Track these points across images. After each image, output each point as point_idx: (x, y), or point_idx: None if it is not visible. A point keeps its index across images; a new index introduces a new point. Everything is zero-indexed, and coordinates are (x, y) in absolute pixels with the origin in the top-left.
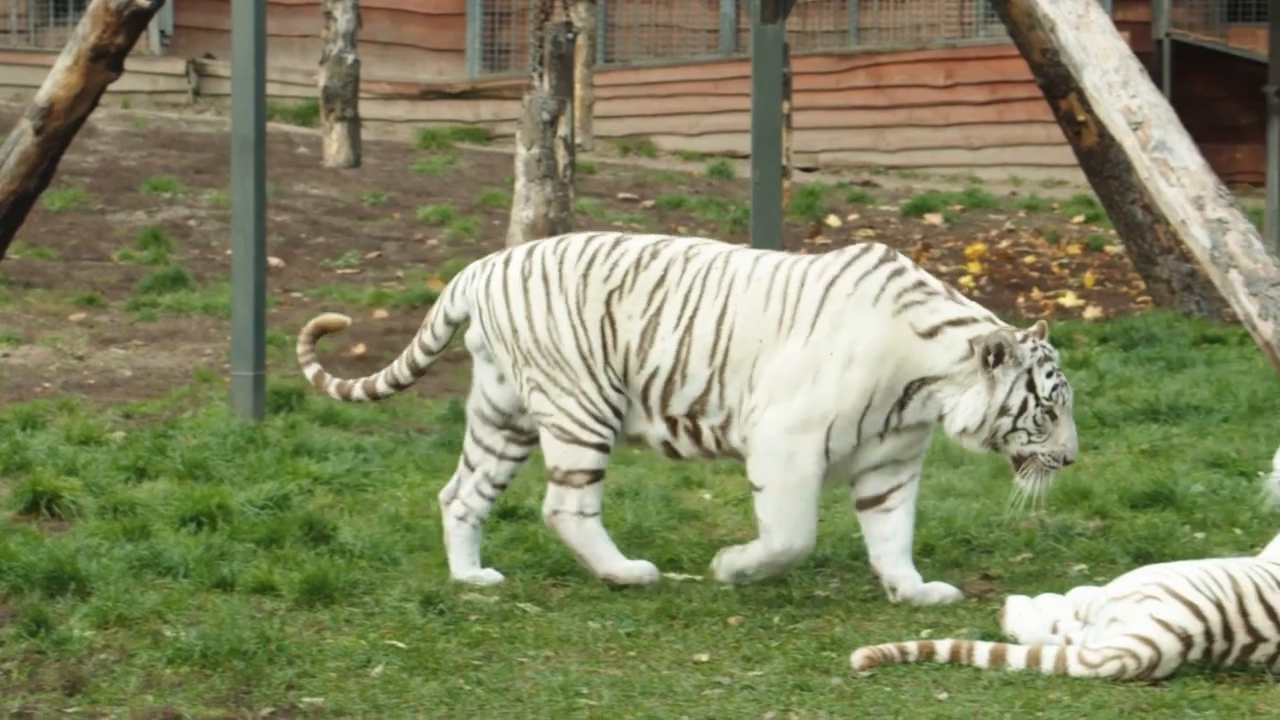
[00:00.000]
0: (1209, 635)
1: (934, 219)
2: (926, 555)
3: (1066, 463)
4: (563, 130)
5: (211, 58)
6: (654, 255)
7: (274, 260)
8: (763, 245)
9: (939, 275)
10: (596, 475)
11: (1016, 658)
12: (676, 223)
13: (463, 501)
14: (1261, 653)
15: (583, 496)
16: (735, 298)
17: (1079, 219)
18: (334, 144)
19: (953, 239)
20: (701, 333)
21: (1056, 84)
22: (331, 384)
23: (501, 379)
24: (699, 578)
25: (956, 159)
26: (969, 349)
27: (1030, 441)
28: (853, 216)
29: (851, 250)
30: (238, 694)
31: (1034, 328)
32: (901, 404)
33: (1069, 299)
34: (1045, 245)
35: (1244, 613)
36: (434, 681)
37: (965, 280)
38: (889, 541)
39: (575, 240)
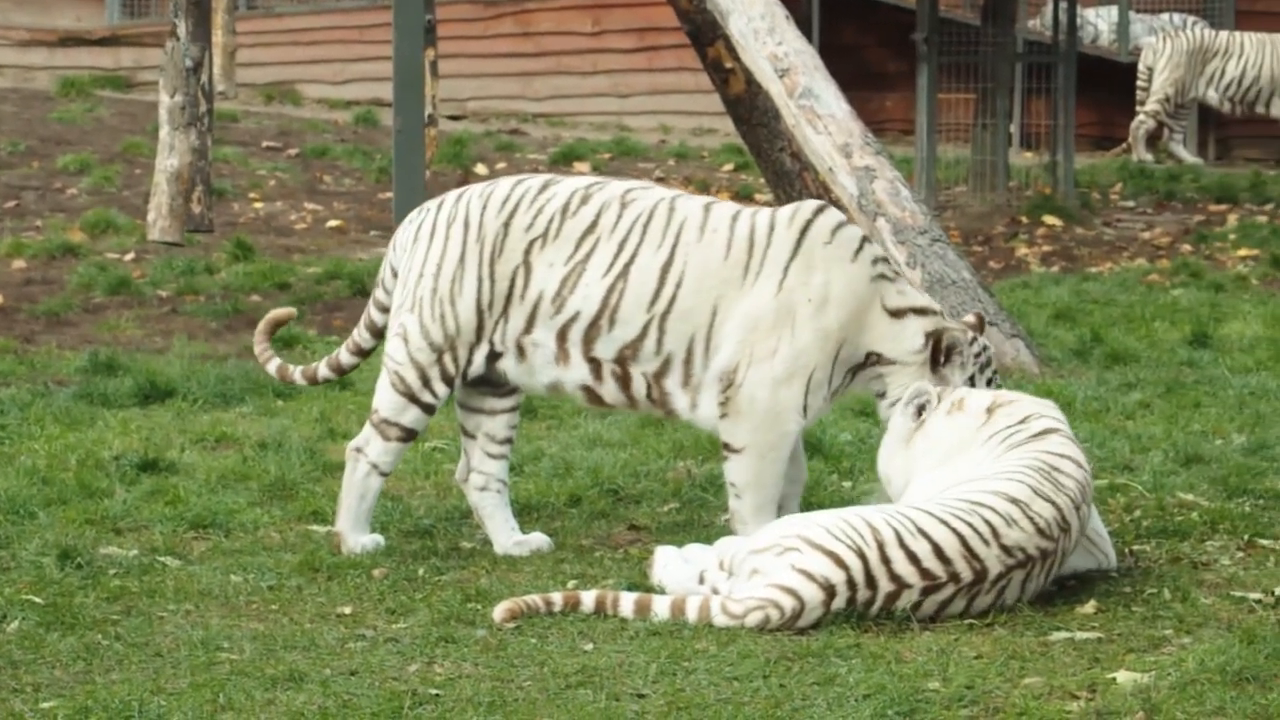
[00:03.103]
0: (851, 584)
1: (583, 167)
2: (574, 506)
3: None
4: (202, 78)
5: None
6: (585, 200)
7: None
8: (406, 194)
9: None
10: (409, 436)
11: (661, 608)
12: (322, 171)
13: (478, 471)
14: (906, 599)
15: (384, 452)
16: (686, 246)
17: (728, 167)
18: None
19: None
20: (640, 279)
21: (704, 31)
22: (295, 371)
23: None
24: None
25: (605, 107)
26: (925, 341)
27: None
28: (501, 165)
29: (815, 201)
30: None
31: (971, 318)
32: (860, 368)
33: None
34: (695, 194)
35: (886, 560)
36: (71, 637)
37: None
38: None
39: (504, 184)
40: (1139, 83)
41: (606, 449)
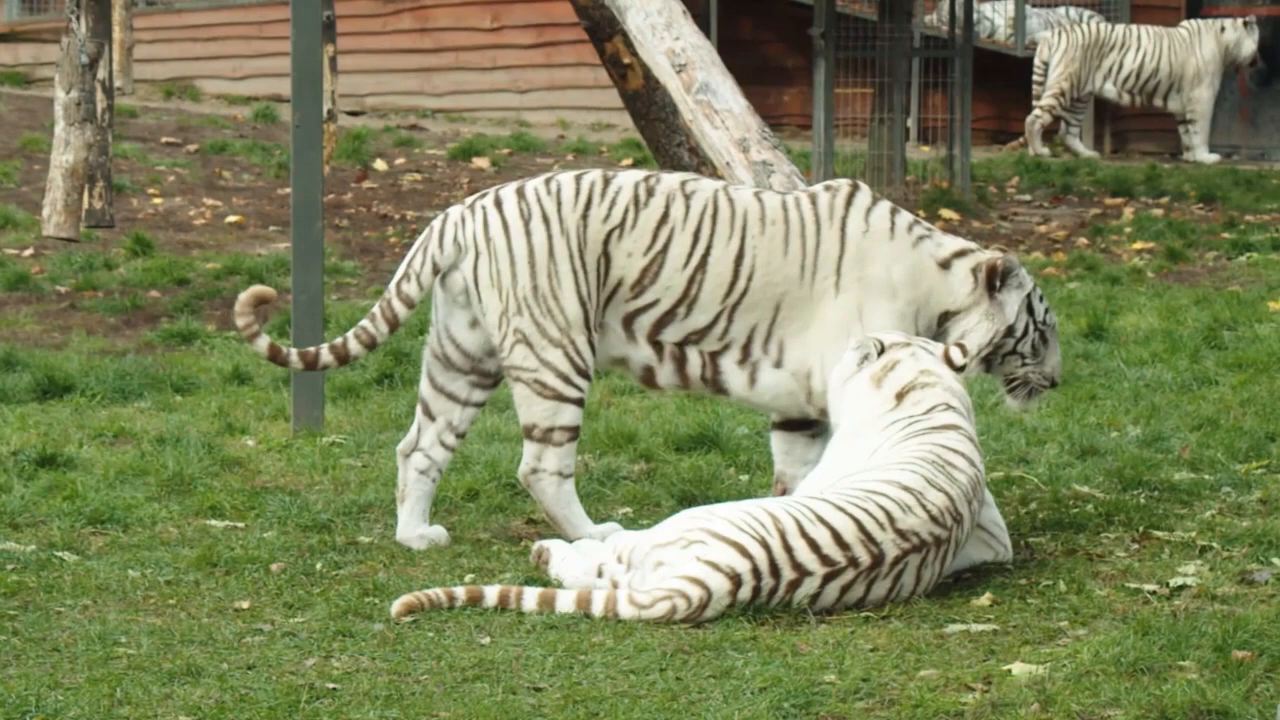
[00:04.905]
0: (756, 573)
1: (482, 163)
2: (471, 500)
3: (1054, 384)
4: (101, 74)
5: None
6: (650, 191)
7: None
8: (304, 190)
9: None
10: (575, 433)
11: (565, 601)
12: (221, 167)
13: (425, 454)
14: (807, 587)
15: (562, 456)
16: (753, 238)
17: (627, 162)
18: None
19: (501, 183)
20: (718, 270)
21: (602, 26)
22: (291, 354)
23: (474, 324)
24: (241, 525)
25: (504, 102)
26: (973, 279)
27: (1024, 364)
28: (400, 160)
29: (842, 189)
30: None
31: (1001, 249)
32: (939, 337)
33: None
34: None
35: (788, 548)
36: None
37: None
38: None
39: (565, 179)
40: (1035, 77)
41: (504, 443)
